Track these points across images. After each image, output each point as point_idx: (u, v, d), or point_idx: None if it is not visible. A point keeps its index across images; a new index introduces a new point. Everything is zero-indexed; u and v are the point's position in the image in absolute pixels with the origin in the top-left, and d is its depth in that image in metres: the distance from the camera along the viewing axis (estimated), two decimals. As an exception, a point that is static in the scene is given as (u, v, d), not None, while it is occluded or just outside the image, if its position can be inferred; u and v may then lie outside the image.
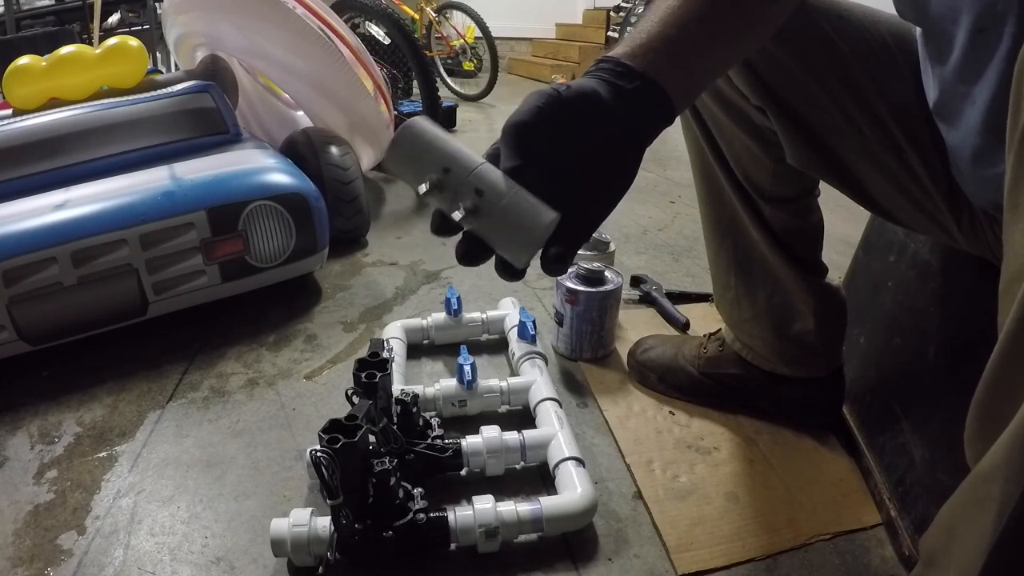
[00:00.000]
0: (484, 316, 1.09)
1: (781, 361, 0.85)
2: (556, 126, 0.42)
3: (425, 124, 0.43)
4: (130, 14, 3.15)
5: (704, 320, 1.16)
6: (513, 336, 1.03)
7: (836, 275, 0.86)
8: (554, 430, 0.81)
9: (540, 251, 0.42)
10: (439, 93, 1.92)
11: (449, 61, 4.18)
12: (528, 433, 0.80)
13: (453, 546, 0.69)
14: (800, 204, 0.78)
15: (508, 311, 1.10)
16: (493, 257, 0.44)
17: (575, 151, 0.43)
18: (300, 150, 1.45)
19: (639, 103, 0.44)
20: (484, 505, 0.69)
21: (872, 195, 0.68)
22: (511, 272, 0.43)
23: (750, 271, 0.83)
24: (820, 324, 0.81)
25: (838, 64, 0.63)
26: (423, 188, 0.42)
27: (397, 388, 0.84)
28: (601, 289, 1.01)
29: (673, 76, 0.45)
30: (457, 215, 0.41)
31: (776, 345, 0.84)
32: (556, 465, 0.76)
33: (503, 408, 0.92)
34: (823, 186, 0.78)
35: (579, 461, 0.76)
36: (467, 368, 0.88)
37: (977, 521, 0.33)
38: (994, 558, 0.32)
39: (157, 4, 2.97)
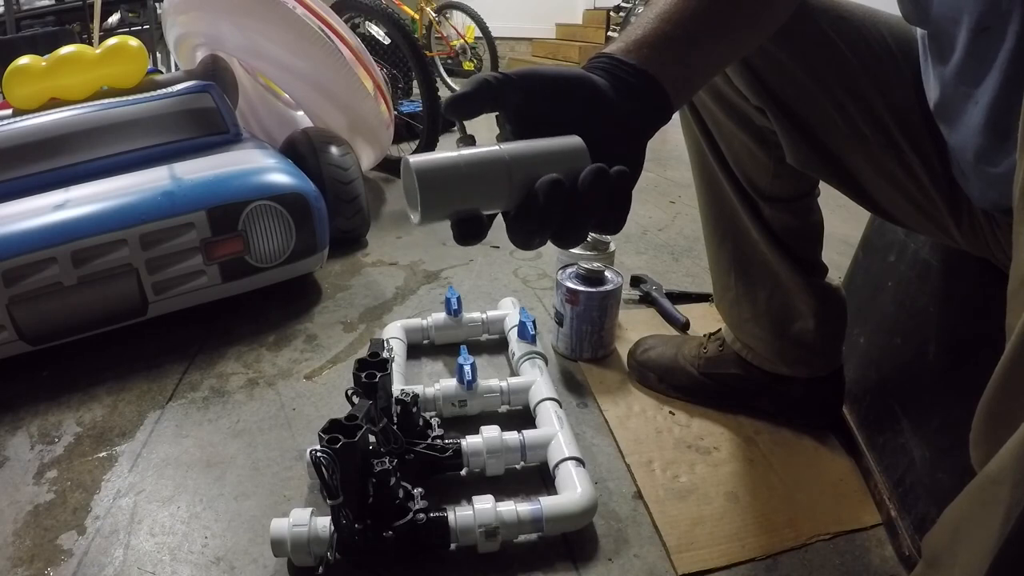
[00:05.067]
0: (484, 316, 1.09)
1: (781, 361, 0.85)
2: (557, 90, 0.41)
3: (421, 158, 0.37)
4: (130, 14, 3.15)
5: (704, 320, 1.16)
6: (513, 336, 1.03)
7: (836, 275, 0.86)
8: (554, 430, 0.81)
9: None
10: (439, 93, 1.92)
11: (449, 61, 4.18)
12: (528, 433, 0.80)
13: (453, 546, 0.69)
14: (800, 204, 0.78)
15: (508, 311, 1.10)
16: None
17: (582, 132, 0.41)
18: (300, 150, 1.45)
19: (636, 96, 0.43)
20: (484, 505, 0.69)
21: (871, 195, 0.68)
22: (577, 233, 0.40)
23: (750, 271, 0.83)
24: (820, 324, 0.81)
25: (838, 64, 0.63)
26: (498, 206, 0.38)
27: (397, 388, 0.84)
28: (601, 289, 1.01)
29: (669, 71, 0.44)
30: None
31: (776, 345, 0.84)
32: (556, 465, 0.76)
33: (503, 408, 0.92)
34: (823, 186, 0.78)
35: (579, 461, 0.76)
36: (467, 368, 0.88)
37: (983, 523, 0.33)
38: (1000, 560, 0.32)
39: (157, 4, 2.97)
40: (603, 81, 0.43)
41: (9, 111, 1.33)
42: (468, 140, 0.40)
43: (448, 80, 3.89)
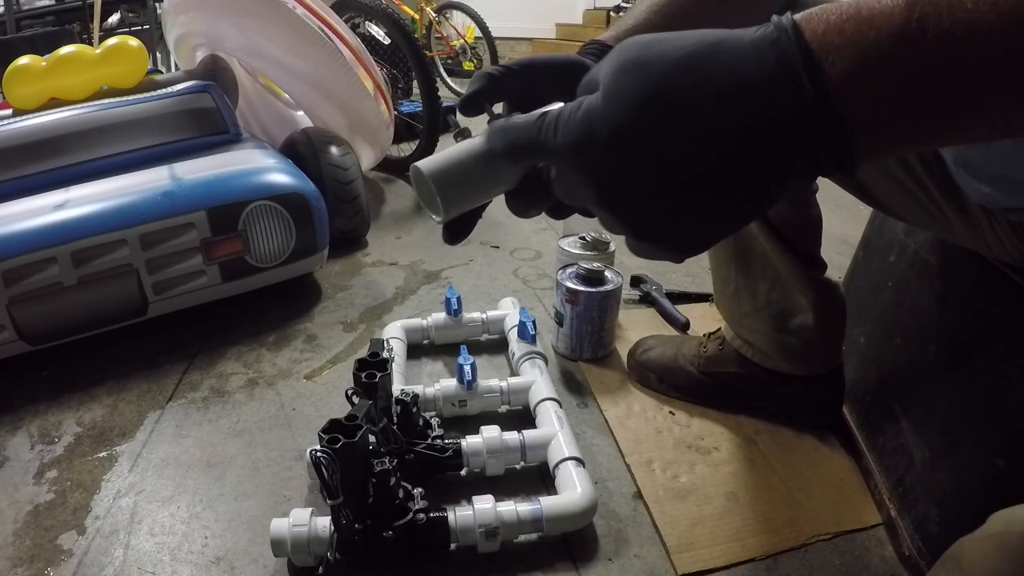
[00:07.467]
0: (484, 316, 1.09)
1: (781, 356, 0.85)
2: (555, 72, 0.43)
3: (431, 162, 0.39)
4: (130, 14, 3.15)
5: (704, 320, 1.16)
6: (513, 336, 1.03)
7: (836, 275, 0.86)
8: (554, 430, 0.81)
9: None
10: (439, 93, 1.92)
11: (449, 61, 4.17)
12: (528, 433, 0.80)
13: (453, 546, 0.69)
14: (798, 197, 0.79)
15: (508, 311, 1.10)
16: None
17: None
18: (300, 150, 1.45)
19: None
20: (484, 505, 0.69)
21: (870, 190, 0.68)
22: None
23: (750, 263, 0.83)
24: (819, 319, 0.81)
25: None
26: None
27: (397, 388, 0.84)
28: (601, 289, 1.01)
29: None
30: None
31: (776, 339, 0.84)
32: (556, 465, 0.76)
33: (503, 408, 0.92)
34: (823, 185, 0.77)
35: (579, 461, 0.76)
36: (467, 368, 0.88)
37: None
38: None
39: (157, 4, 2.97)
40: (595, 64, 0.43)
41: (9, 111, 1.33)
42: (464, 133, 0.42)
43: (448, 80, 3.89)
